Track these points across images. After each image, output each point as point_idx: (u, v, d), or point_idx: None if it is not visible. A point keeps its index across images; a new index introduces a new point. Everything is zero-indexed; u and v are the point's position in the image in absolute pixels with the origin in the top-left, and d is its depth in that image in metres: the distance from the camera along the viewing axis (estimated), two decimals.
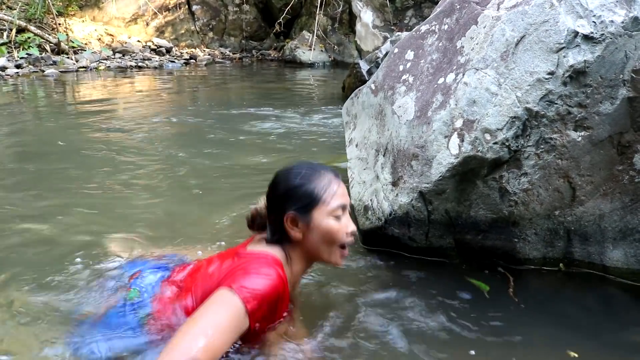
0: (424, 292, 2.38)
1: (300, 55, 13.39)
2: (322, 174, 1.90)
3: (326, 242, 1.88)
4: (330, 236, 1.87)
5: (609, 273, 2.40)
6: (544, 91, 2.14)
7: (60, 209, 3.27)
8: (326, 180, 1.88)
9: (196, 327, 1.60)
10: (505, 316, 2.19)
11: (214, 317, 1.62)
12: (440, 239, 2.53)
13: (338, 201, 1.87)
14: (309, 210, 1.86)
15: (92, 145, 4.96)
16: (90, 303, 2.06)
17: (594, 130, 2.18)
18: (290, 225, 1.87)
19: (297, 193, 1.87)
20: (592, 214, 2.33)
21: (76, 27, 12.71)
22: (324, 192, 1.86)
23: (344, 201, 1.90)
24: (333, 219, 1.86)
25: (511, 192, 2.30)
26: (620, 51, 2.10)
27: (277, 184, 1.93)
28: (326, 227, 1.86)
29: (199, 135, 5.52)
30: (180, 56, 13.29)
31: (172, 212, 3.29)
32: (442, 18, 2.62)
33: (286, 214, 1.87)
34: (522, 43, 2.19)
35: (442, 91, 2.39)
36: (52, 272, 2.42)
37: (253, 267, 1.75)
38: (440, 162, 2.32)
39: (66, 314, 2.07)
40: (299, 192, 1.87)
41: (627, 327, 2.15)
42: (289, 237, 1.89)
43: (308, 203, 1.86)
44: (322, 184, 1.87)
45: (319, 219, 1.86)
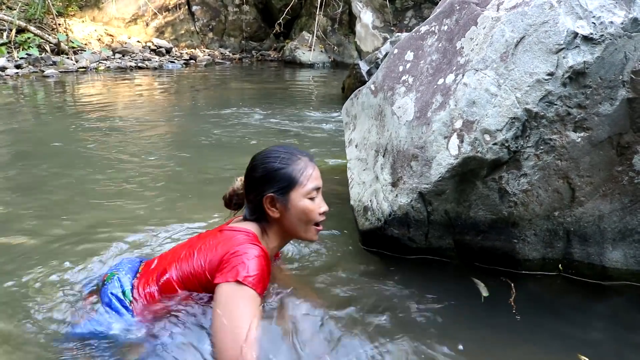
0: (423, 293, 2.38)
1: (300, 56, 13.41)
2: (299, 157, 2.06)
3: (302, 221, 2.05)
4: (306, 215, 2.04)
5: (609, 274, 2.40)
6: (544, 92, 2.14)
7: (58, 209, 3.27)
8: (302, 163, 2.04)
9: (232, 326, 1.75)
10: (505, 316, 2.19)
11: (241, 312, 1.77)
12: (440, 239, 2.53)
13: (313, 183, 2.04)
14: (287, 192, 2.02)
15: (91, 145, 4.96)
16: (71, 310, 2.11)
17: (593, 131, 2.18)
18: (269, 206, 2.03)
19: (276, 176, 2.02)
20: (592, 215, 2.33)
21: (76, 27, 12.72)
22: (300, 175, 2.02)
23: (318, 183, 2.06)
24: (308, 200, 2.03)
25: (511, 192, 2.30)
26: (619, 52, 2.10)
27: (256, 166, 2.07)
28: (302, 207, 2.03)
29: (198, 135, 5.52)
30: (180, 57, 13.31)
31: (169, 211, 3.29)
32: (441, 19, 2.62)
33: (265, 195, 2.02)
34: (521, 44, 2.19)
35: (442, 92, 2.40)
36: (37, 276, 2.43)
37: (242, 251, 1.86)
38: (440, 163, 2.32)
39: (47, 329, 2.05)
40: (277, 175, 2.02)
41: (627, 327, 2.15)
42: (267, 216, 2.05)
43: (286, 185, 2.01)
44: (299, 167, 2.03)
45: (295, 199, 2.02)
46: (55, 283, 2.35)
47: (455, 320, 2.17)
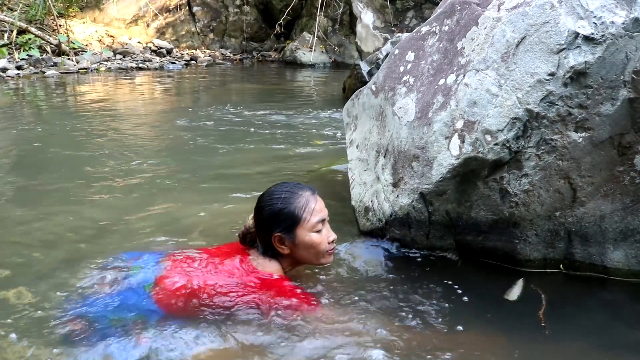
0: (423, 293, 2.38)
1: (300, 57, 13.40)
2: (300, 194, 2.19)
3: (312, 252, 2.20)
4: (314, 248, 2.19)
5: (610, 274, 2.40)
6: (545, 92, 2.14)
7: (58, 209, 3.28)
8: (304, 199, 2.17)
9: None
10: (504, 317, 2.19)
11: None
12: (441, 239, 2.53)
13: (317, 217, 2.17)
14: (293, 230, 2.16)
15: (90, 146, 4.96)
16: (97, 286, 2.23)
17: (594, 131, 2.18)
18: (278, 244, 2.18)
19: (280, 216, 2.16)
20: (593, 215, 2.33)
21: (77, 28, 12.73)
22: (303, 212, 2.15)
23: (322, 215, 2.19)
24: (315, 234, 2.17)
25: (512, 193, 2.30)
26: (620, 52, 2.10)
27: (262, 208, 2.22)
28: (309, 241, 2.17)
29: (199, 136, 5.52)
30: (181, 57, 13.31)
31: (171, 213, 3.29)
32: (442, 19, 2.62)
33: (273, 234, 2.17)
34: (522, 44, 2.19)
35: (443, 92, 2.40)
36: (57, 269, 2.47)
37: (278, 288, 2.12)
38: (441, 163, 2.32)
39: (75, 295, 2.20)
40: (281, 215, 2.16)
41: (628, 328, 2.14)
42: (279, 252, 2.20)
43: (291, 224, 2.16)
44: (301, 204, 2.16)
45: (302, 235, 2.16)
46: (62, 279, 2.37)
47: (453, 319, 2.17)
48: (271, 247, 2.21)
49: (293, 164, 4.43)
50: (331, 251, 2.25)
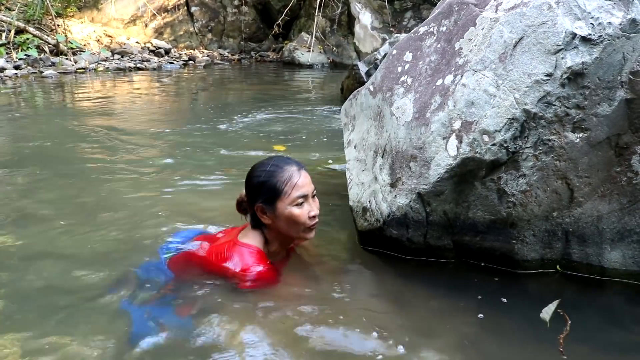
0: (421, 293, 2.38)
1: (299, 57, 13.40)
2: (285, 168, 2.26)
3: (292, 226, 2.27)
4: (293, 222, 2.26)
5: (607, 275, 2.41)
6: (542, 93, 2.14)
7: (59, 209, 3.28)
8: (287, 174, 2.25)
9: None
10: (502, 316, 2.20)
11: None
12: (439, 240, 2.53)
13: (298, 192, 2.24)
14: (273, 202, 2.25)
15: (90, 145, 4.96)
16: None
17: (591, 132, 2.19)
18: (260, 214, 2.29)
19: (262, 188, 2.26)
20: (590, 216, 2.33)
21: (75, 28, 12.71)
22: (284, 186, 2.23)
23: (304, 191, 2.26)
24: (295, 207, 2.24)
25: (509, 193, 2.31)
26: (618, 53, 2.11)
27: (249, 178, 2.34)
28: (288, 214, 2.24)
29: (196, 135, 5.52)
30: (179, 57, 13.30)
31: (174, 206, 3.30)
32: (440, 20, 2.63)
33: (255, 205, 2.29)
34: (520, 45, 2.19)
35: (441, 93, 2.40)
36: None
37: (247, 269, 2.25)
38: (439, 164, 2.32)
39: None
40: (263, 187, 2.26)
41: (624, 328, 2.15)
42: (262, 222, 2.31)
43: (271, 196, 2.25)
44: (284, 178, 2.24)
45: (281, 208, 2.24)
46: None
47: (452, 319, 2.17)
48: (256, 217, 2.32)
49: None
50: (312, 226, 2.30)
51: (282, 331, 2.05)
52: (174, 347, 1.97)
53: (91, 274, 2.48)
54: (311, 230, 2.32)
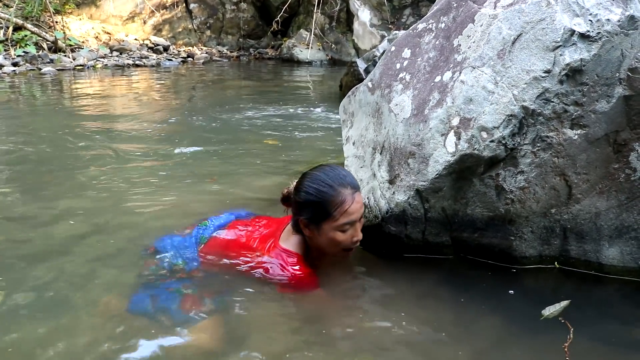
0: (420, 289, 2.38)
1: (297, 54, 13.39)
2: (338, 191, 2.15)
3: (331, 246, 2.22)
4: (334, 244, 2.20)
5: (605, 271, 2.41)
6: (541, 89, 2.14)
7: (61, 207, 3.28)
8: (340, 198, 2.14)
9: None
10: (501, 313, 2.20)
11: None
12: (437, 236, 2.54)
13: (346, 219, 2.15)
14: (320, 222, 2.18)
15: (89, 142, 4.96)
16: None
17: (590, 129, 2.19)
18: (303, 227, 2.23)
19: (312, 206, 2.18)
20: (588, 212, 2.33)
21: (73, 25, 12.68)
22: (334, 210, 2.14)
23: (354, 218, 2.16)
24: (339, 232, 2.17)
25: (507, 190, 2.31)
26: (616, 50, 2.11)
27: (299, 189, 2.24)
28: (331, 237, 2.18)
29: (195, 132, 5.52)
30: (178, 54, 13.28)
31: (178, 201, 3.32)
32: (439, 16, 2.63)
33: (301, 218, 2.22)
34: (518, 41, 2.19)
35: (439, 89, 2.40)
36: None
37: (289, 278, 2.23)
38: (437, 160, 2.32)
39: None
40: (312, 206, 2.18)
41: (621, 324, 2.15)
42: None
43: (319, 216, 2.17)
44: (335, 203, 2.14)
45: (326, 230, 2.18)
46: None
47: (451, 315, 2.17)
48: (297, 224, 2.27)
49: (288, 161, 4.44)
50: (349, 251, 2.27)
51: (283, 327, 2.06)
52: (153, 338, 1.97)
53: (98, 268, 2.48)
54: (347, 254, 2.29)
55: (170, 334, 1.98)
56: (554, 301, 2.22)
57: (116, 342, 1.93)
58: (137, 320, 2.07)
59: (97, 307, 2.17)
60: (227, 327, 2.06)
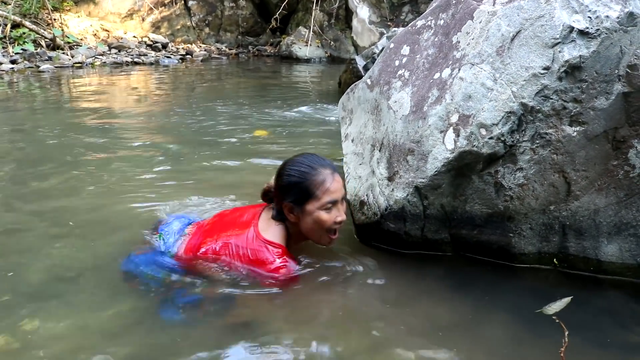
0: (419, 286, 2.39)
1: (296, 51, 13.38)
2: (319, 171, 2.24)
3: (316, 228, 2.28)
4: (319, 225, 2.27)
5: (604, 268, 2.41)
6: (540, 86, 2.14)
7: (58, 203, 3.28)
8: (321, 177, 2.23)
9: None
10: (500, 309, 2.20)
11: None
12: (436, 233, 2.54)
13: (329, 197, 2.23)
14: (303, 203, 2.24)
15: (88, 139, 4.95)
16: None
17: (589, 126, 2.19)
18: (287, 212, 2.29)
19: (294, 188, 2.25)
20: (587, 209, 2.33)
21: (71, 22, 12.67)
22: (316, 189, 2.22)
23: (335, 197, 2.25)
24: (323, 211, 2.24)
25: (506, 187, 2.31)
26: (615, 46, 2.11)
27: (281, 175, 2.31)
28: (316, 217, 2.25)
29: (193, 129, 5.51)
30: (176, 52, 13.27)
31: None
32: (438, 13, 2.62)
33: (285, 202, 2.27)
34: (517, 38, 2.19)
35: (438, 86, 2.40)
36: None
37: (266, 266, 2.23)
38: (436, 157, 2.32)
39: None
40: (296, 188, 2.24)
41: (619, 321, 2.15)
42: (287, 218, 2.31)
43: (302, 198, 2.24)
44: (317, 182, 2.23)
45: (310, 210, 2.25)
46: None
47: (449, 311, 2.18)
48: (282, 212, 2.31)
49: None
50: (334, 235, 2.32)
51: (284, 323, 2.06)
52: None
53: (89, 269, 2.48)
54: (331, 238, 2.33)
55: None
56: (553, 297, 2.22)
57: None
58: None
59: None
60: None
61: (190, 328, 2.05)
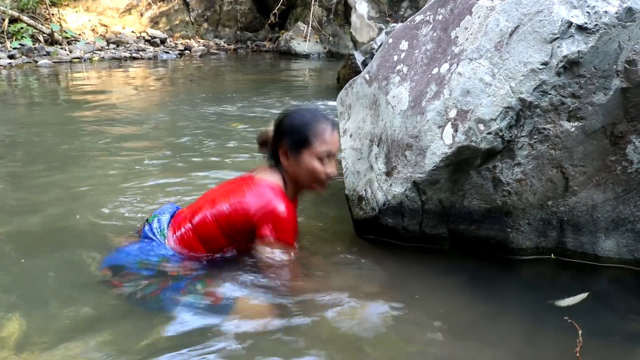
0: (418, 281, 2.39)
1: (295, 47, 13.36)
2: (321, 121, 2.27)
3: (308, 177, 2.29)
4: (311, 173, 2.27)
5: (601, 263, 2.42)
6: (538, 81, 2.14)
7: (56, 198, 3.27)
8: (322, 127, 2.26)
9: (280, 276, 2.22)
10: (499, 303, 2.21)
11: (286, 269, 2.22)
12: (434, 228, 2.54)
13: (325, 147, 2.25)
14: (300, 149, 2.26)
15: (86, 135, 4.95)
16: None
17: (587, 121, 2.19)
18: (283, 156, 2.30)
19: (294, 132, 2.27)
20: (585, 204, 2.34)
21: (70, 17, 12.64)
22: (315, 138, 2.24)
23: (332, 149, 2.27)
24: (317, 161, 2.26)
25: (504, 182, 2.31)
26: (613, 42, 2.11)
27: (282, 119, 2.33)
28: (310, 166, 2.26)
29: (191, 125, 5.51)
30: (175, 47, 13.25)
31: None
32: (436, 8, 2.62)
33: (281, 146, 2.29)
34: (516, 33, 2.19)
35: (436, 81, 2.40)
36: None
37: (276, 209, 2.18)
38: (434, 152, 2.32)
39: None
40: (296, 132, 2.27)
41: (617, 316, 2.15)
42: (282, 164, 2.32)
43: (300, 143, 2.26)
44: (317, 131, 2.25)
45: (305, 157, 2.26)
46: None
47: (448, 306, 2.18)
48: (277, 156, 2.33)
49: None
50: (324, 187, 2.34)
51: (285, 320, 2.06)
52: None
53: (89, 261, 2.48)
54: (323, 186, 2.34)
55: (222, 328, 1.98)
56: (552, 293, 2.23)
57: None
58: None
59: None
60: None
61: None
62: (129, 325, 2.02)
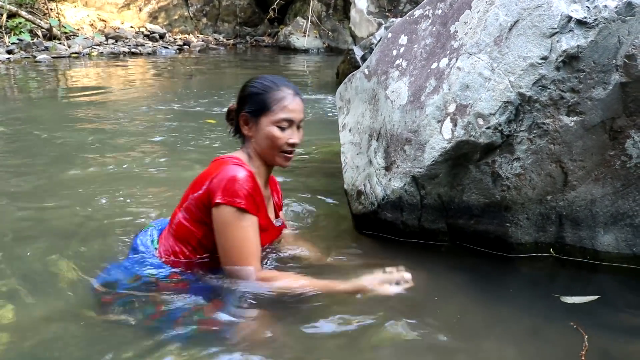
0: (416, 277, 2.38)
1: (294, 42, 13.35)
2: (281, 88, 2.21)
3: (269, 146, 2.19)
4: (271, 141, 2.18)
5: (600, 258, 2.42)
6: (537, 76, 2.14)
7: (53, 193, 3.27)
8: (281, 94, 2.19)
9: (233, 253, 2.08)
10: (498, 298, 2.21)
11: (234, 235, 2.06)
12: (433, 223, 2.54)
13: (284, 114, 2.17)
14: (258, 115, 2.19)
15: (84, 130, 4.94)
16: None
17: (586, 116, 2.19)
18: (242, 124, 2.24)
19: (252, 98, 2.21)
20: (584, 199, 2.34)
21: (68, 12, 12.61)
22: (274, 104, 2.17)
23: (292, 116, 2.19)
24: (276, 128, 2.17)
25: (503, 176, 2.31)
26: (613, 36, 2.10)
27: (244, 87, 2.27)
28: (268, 133, 2.17)
29: (190, 120, 5.50)
30: (174, 42, 13.23)
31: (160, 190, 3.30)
32: (435, 2, 2.61)
33: (241, 113, 2.23)
34: (515, 28, 2.18)
35: (436, 76, 2.39)
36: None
37: (225, 173, 2.08)
38: (433, 147, 2.32)
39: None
40: (254, 98, 2.20)
41: (616, 311, 2.16)
42: (245, 136, 2.26)
43: (259, 109, 2.19)
44: (276, 97, 2.18)
45: (264, 124, 2.18)
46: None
47: (447, 301, 2.18)
48: (239, 127, 2.27)
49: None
50: (288, 155, 2.22)
51: (285, 319, 2.06)
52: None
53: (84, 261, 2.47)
54: (286, 158, 2.23)
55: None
56: (549, 289, 2.23)
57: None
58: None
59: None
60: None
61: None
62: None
